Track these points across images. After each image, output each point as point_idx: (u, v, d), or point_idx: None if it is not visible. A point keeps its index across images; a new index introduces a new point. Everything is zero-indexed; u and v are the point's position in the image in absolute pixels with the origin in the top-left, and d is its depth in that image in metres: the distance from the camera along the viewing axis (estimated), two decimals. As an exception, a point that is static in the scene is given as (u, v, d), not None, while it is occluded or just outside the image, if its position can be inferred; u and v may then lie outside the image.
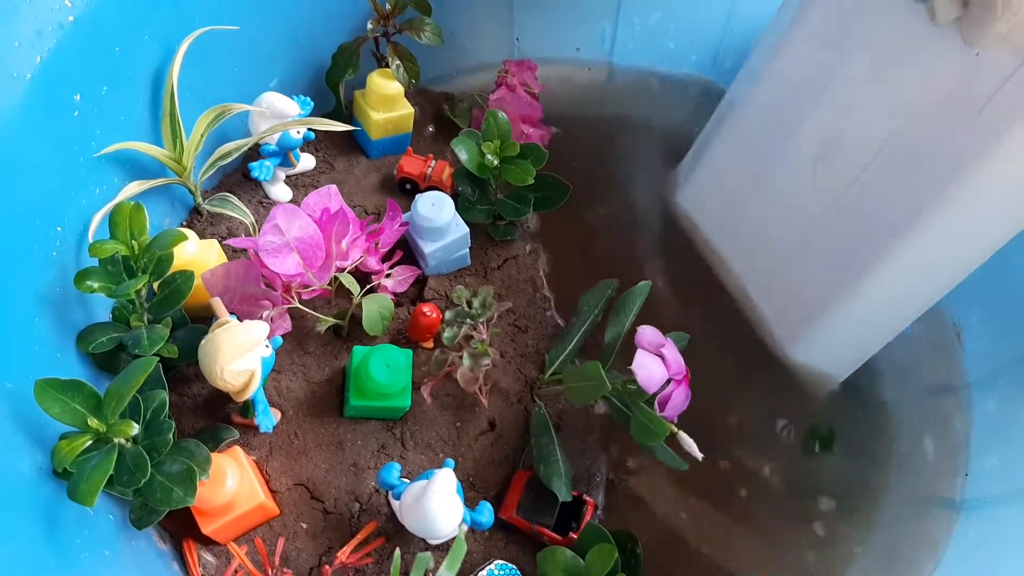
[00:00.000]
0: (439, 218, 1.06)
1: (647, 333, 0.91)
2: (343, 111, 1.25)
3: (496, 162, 1.07)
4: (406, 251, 1.12)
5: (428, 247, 1.08)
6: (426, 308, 1.02)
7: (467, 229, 1.11)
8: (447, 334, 0.99)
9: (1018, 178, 0.85)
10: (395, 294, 1.07)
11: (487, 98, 1.29)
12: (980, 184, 0.86)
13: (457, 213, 1.10)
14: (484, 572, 0.94)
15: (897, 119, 0.93)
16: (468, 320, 0.99)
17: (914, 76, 0.90)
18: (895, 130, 0.93)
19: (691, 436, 0.89)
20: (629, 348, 0.91)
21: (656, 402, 0.89)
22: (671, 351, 0.89)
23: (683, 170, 1.31)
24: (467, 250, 1.14)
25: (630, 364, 0.87)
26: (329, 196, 0.96)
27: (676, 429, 0.88)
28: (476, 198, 1.14)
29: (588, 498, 0.99)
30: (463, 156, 1.08)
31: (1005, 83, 0.80)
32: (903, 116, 0.92)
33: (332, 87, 1.23)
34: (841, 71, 0.98)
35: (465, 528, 0.86)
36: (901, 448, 1.14)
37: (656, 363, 0.88)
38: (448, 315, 1.01)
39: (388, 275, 1.06)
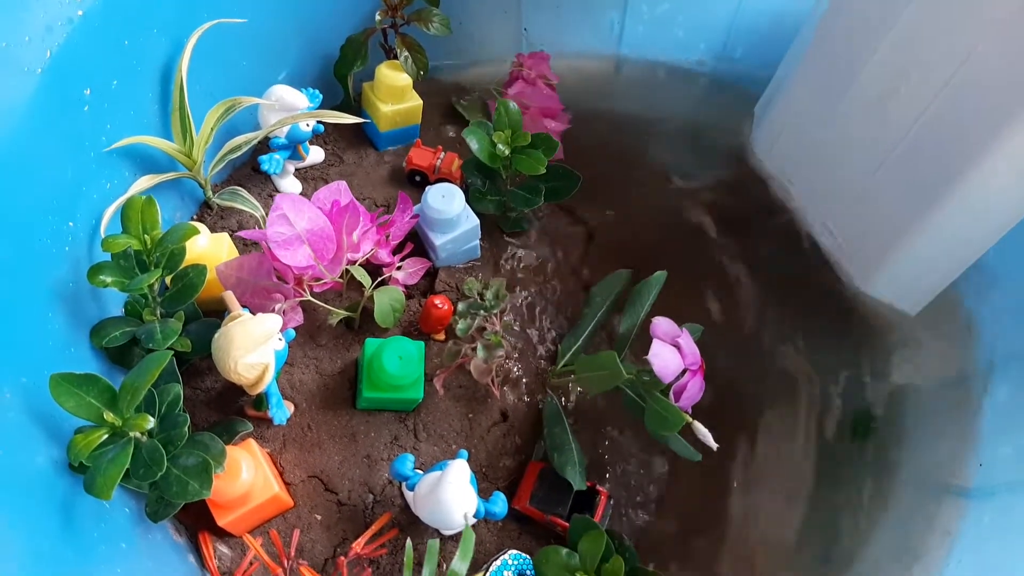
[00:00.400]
0: (449, 210, 1.06)
1: (662, 324, 0.91)
2: (352, 103, 1.25)
3: (507, 152, 1.07)
4: (416, 243, 1.12)
5: (439, 239, 1.08)
6: (438, 300, 1.02)
7: (477, 221, 1.10)
8: (460, 326, 0.98)
9: None
10: (406, 286, 1.07)
11: (503, 91, 1.29)
12: None
13: (467, 205, 1.10)
14: (498, 562, 0.94)
15: (972, 39, 0.92)
16: (481, 312, 0.99)
17: None
18: (970, 52, 0.93)
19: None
20: (641, 339, 0.91)
21: (671, 392, 0.88)
22: (687, 341, 0.89)
23: (758, 113, 1.36)
24: (477, 242, 1.14)
25: (644, 354, 0.87)
26: (339, 191, 0.96)
27: (691, 419, 0.88)
28: (487, 189, 1.14)
29: (601, 488, 0.99)
30: (474, 146, 1.07)
31: None
32: (980, 34, 0.91)
33: (340, 79, 1.23)
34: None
35: (472, 519, 0.86)
36: (913, 436, 1.13)
37: (672, 353, 0.88)
38: (461, 307, 1.00)
39: (399, 267, 1.06)
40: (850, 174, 1.16)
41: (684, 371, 0.88)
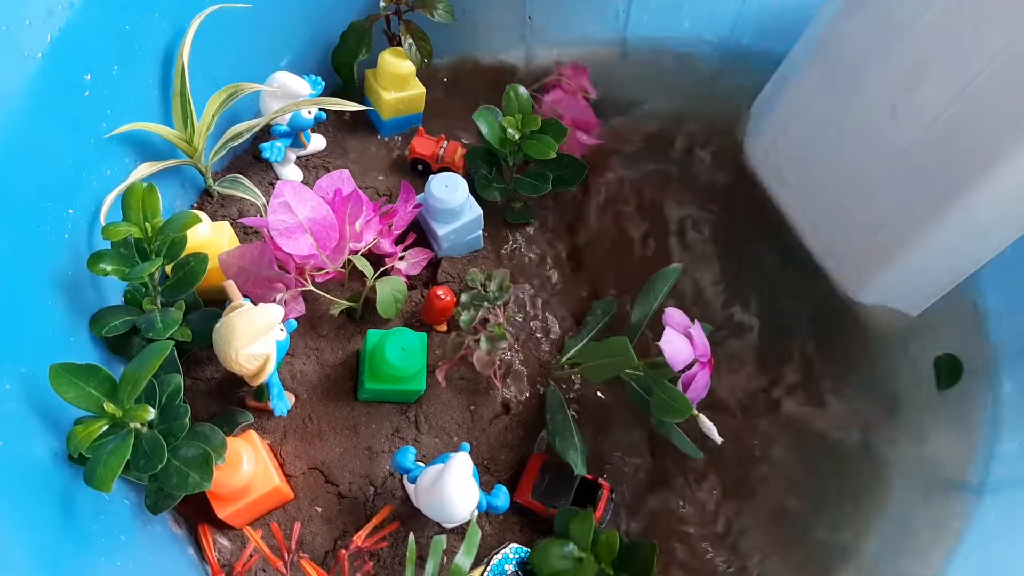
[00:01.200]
0: (453, 200, 1.05)
1: (674, 315, 0.91)
2: (356, 91, 1.23)
3: (517, 136, 1.06)
4: (419, 233, 1.11)
5: (441, 229, 1.07)
6: (440, 291, 1.01)
7: (480, 211, 1.09)
8: (464, 317, 0.98)
9: None
10: (408, 277, 1.06)
11: (540, 97, 1.28)
12: None
13: (471, 195, 1.09)
14: (499, 556, 0.93)
15: (1001, 36, 0.89)
16: (485, 303, 0.98)
17: None
18: (990, 61, 0.90)
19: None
20: (647, 335, 0.90)
21: (680, 382, 0.88)
22: (698, 333, 0.89)
23: (754, 112, 1.33)
24: (480, 232, 1.13)
25: (652, 348, 0.86)
26: (342, 179, 0.95)
27: (696, 412, 0.88)
28: (493, 176, 1.13)
29: (604, 482, 0.99)
30: (484, 129, 1.07)
31: None
32: (1009, 30, 0.88)
33: (338, 67, 1.21)
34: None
35: (477, 513, 0.85)
36: (919, 431, 1.13)
37: (683, 341, 0.87)
38: (464, 298, 1.00)
39: (402, 257, 1.05)
40: (850, 181, 1.13)
41: (694, 362, 0.88)
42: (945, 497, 1.08)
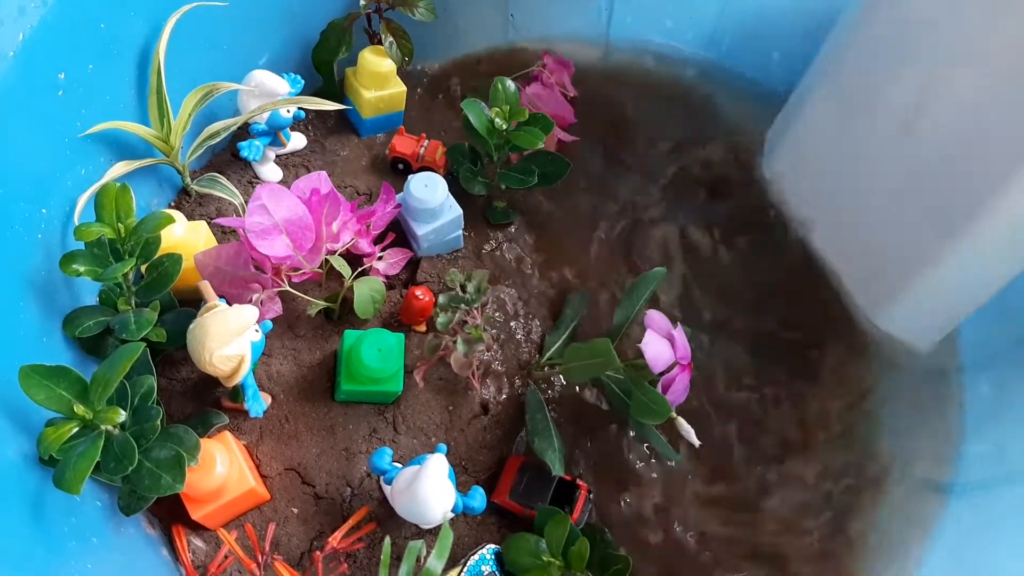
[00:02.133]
0: (432, 199, 1.05)
1: (656, 318, 0.92)
2: (336, 89, 1.23)
3: (505, 127, 1.06)
4: (398, 233, 1.10)
5: (421, 229, 1.07)
6: (419, 291, 1.01)
7: (460, 211, 1.09)
8: (441, 319, 0.98)
9: None
10: (387, 277, 1.05)
11: (519, 86, 1.28)
12: None
13: (451, 195, 1.08)
14: (476, 556, 0.93)
15: (1005, 70, 0.89)
16: (463, 305, 0.98)
17: None
18: (1000, 82, 0.89)
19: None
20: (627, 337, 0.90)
21: (660, 385, 0.88)
22: (679, 336, 0.89)
23: (771, 138, 1.32)
24: (460, 232, 1.12)
25: (630, 351, 0.87)
26: (319, 181, 0.95)
27: (675, 415, 0.88)
28: (477, 170, 1.14)
29: (582, 483, 0.99)
30: (472, 119, 1.06)
31: None
32: (1013, 66, 0.88)
33: (318, 65, 1.21)
34: (951, 17, 0.94)
35: (451, 515, 0.85)
36: (894, 432, 1.13)
37: (665, 344, 0.88)
38: (442, 299, 0.99)
39: (380, 257, 1.05)
40: (868, 202, 1.12)
41: (674, 364, 0.88)
42: (920, 497, 1.08)
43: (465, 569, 0.92)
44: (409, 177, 1.06)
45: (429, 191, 1.05)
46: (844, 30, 1.11)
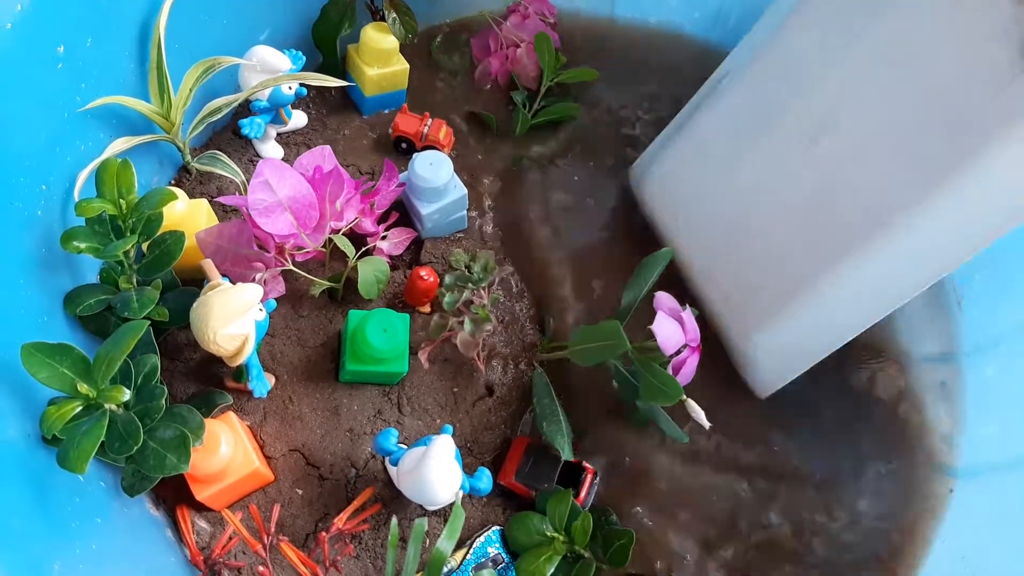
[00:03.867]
0: (437, 178, 1.03)
1: (665, 299, 0.91)
2: (338, 67, 1.21)
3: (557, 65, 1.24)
4: (402, 213, 1.09)
5: (425, 208, 1.06)
6: (423, 272, 1.00)
7: (465, 191, 1.08)
8: (447, 299, 0.96)
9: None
10: (391, 257, 1.04)
11: (498, 20, 1.28)
12: (985, 176, 0.80)
13: (455, 175, 1.07)
14: (482, 538, 0.93)
15: (906, 100, 0.87)
16: (469, 285, 0.97)
17: (936, 52, 0.84)
18: (900, 112, 0.87)
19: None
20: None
21: (670, 367, 0.88)
22: (688, 317, 0.89)
23: (652, 149, 1.21)
24: (465, 212, 1.11)
25: (634, 333, 0.86)
26: (323, 156, 0.93)
27: (685, 397, 0.87)
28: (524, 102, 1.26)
29: (588, 465, 0.98)
30: (542, 55, 1.23)
31: None
32: (913, 97, 0.86)
33: (319, 41, 1.19)
34: (854, 46, 0.92)
35: (461, 495, 0.85)
36: (899, 416, 1.13)
37: (675, 326, 0.87)
38: (448, 279, 0.98)
39: (384, 237, 1.03)
40: (738, 228, 1.06)
41: (684, 346, 0.88)
42: (925, 481, 1.08)
43: (471, 550, 0.92)
44: (414, 156, 1.05)
45: (434, 170, 1.04)
46: (752, 40, 1.07)
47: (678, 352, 0.88)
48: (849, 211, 0.93)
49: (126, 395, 0.69)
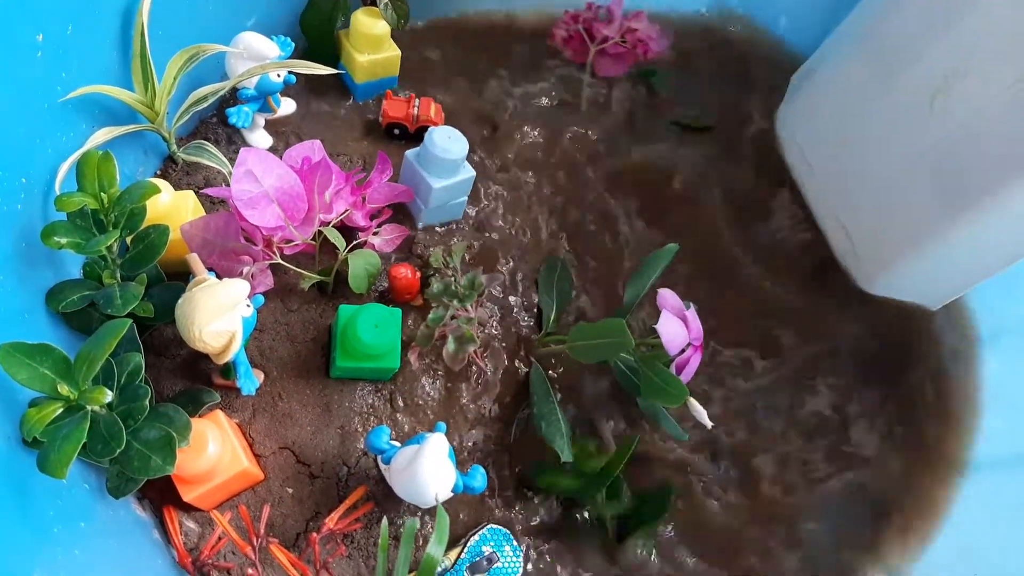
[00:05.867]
0: (455, 151, 1.00)
1: (668, 297, 0.89)
2: (329, 53, 1.18)
3: None
4: (395, 210, 1.06)
5: (436, 182, 1.02)
6: (402, 269, 0.98)
7: (473, 172, 1.05)
8: (432, 316, 0.94)
9: None
10: (382, 254, 1.02)
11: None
12: None
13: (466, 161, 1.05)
14: (476, 536, 0.91)
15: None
16: (455, 302, 0.95)
17: None
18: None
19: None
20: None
21: (673, 366, 0.86)
22: (692, 316, 0.87)
23: (793, 85, 1.30)
24: (465, 199, 1.09)
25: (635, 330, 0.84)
26: (312, 149, 0.91)
27: (689, 397, 0.86)
28: None
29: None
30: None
31: None
32: None
33: (307, 28, 1.16)
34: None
35: (445, 497, 0.82)
36: (907, 408, 1.12)
37: (679, 326, 0.85)
38: (435, 288, 0.96)
39: (376, 232, 1.01)
40: (873, 172, 1.11)
41: (687, 345, 0.86)
42: (930, 474, 1.07)
43: (466, 549, 0.90)
44: (430, 129, 1.02)
45: (452, 142, 1.01)
46: None
47: (681, 352, 0.86)
48: (980, 158, 0.95)
49: (108, 396, 0.67)
